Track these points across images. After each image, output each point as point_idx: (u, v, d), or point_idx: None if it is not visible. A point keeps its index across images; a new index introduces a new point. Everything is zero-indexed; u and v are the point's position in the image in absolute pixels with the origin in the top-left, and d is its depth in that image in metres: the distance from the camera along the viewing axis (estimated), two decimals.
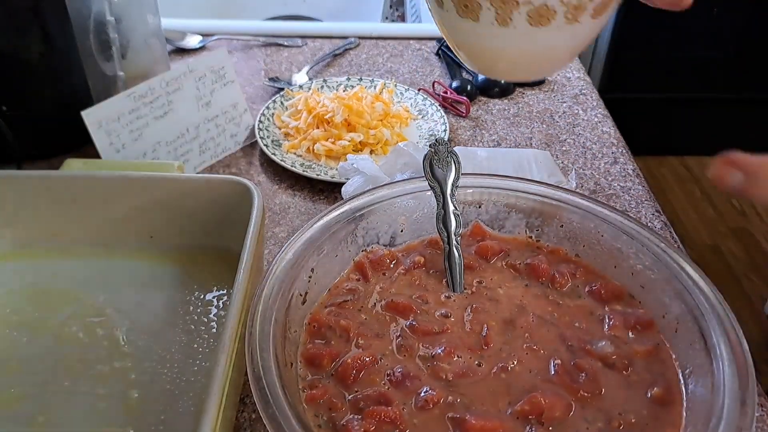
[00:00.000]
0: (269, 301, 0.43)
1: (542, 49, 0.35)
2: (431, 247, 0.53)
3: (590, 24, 0.34)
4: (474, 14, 0.34)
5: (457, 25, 0.35)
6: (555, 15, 0.33)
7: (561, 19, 0.33)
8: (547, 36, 0.34)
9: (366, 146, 0.78)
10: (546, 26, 0.33)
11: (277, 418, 0.36)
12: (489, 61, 0.38)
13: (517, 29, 0.33)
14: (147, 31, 0.76)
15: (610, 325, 0.47)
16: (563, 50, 0.37)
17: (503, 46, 0.35)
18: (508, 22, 0.33)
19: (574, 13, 0.33)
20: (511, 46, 0.35)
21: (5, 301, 0.57)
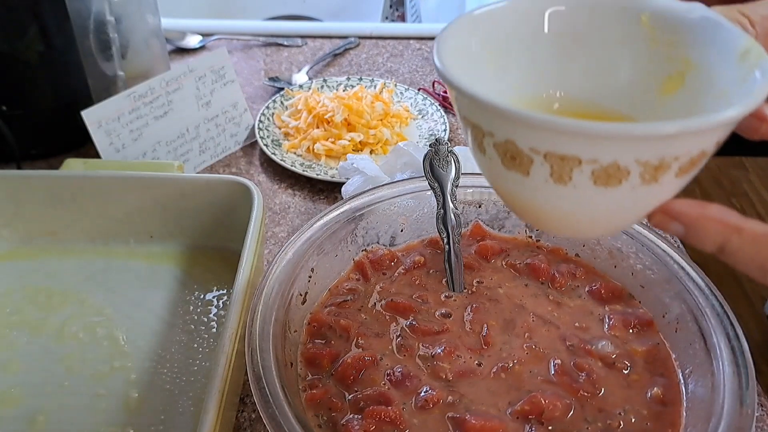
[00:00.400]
0: (269, 301, 0.43)
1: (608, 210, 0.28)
2: (431, 246, 0.53)
3: (673, 183, 0.27)
4: (523, 169, 0.27)
5: (501, 175, 0.29)
6: (628, 175, 0.26)
7: (635, 179, 0.26)
8: (615, 197, 0.27)
9: (366, 146, 0.78)
10: (616, 187, 0.26)
11: (277, 418, 0.36)
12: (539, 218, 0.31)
13: (577, 189, 0.27)
14: (147, 31, 0.76)
15: (610, 324, 0.47)
16: (635, 212, 0.29)
17: (559, 205, 0.28)
18: (567, 181, 0.26)
19: (654, 173, 0.26)
20: (569, 207, 0.28)
21: (5, 301, 0.57)
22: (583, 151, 0.25)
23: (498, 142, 0.27)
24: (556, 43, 0.34)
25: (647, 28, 0.33)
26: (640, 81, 0.33)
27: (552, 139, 0.26)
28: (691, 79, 0.32)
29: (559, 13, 0.34)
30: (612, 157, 0.25)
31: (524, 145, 0.26)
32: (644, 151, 0.25)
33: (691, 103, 0.31)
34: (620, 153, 0.25)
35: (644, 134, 0.25)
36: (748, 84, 0.28)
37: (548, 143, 0.26)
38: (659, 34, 0.32)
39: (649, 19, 0.32)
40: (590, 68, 0.34)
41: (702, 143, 0.26)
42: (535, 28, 0.34)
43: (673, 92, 0.32)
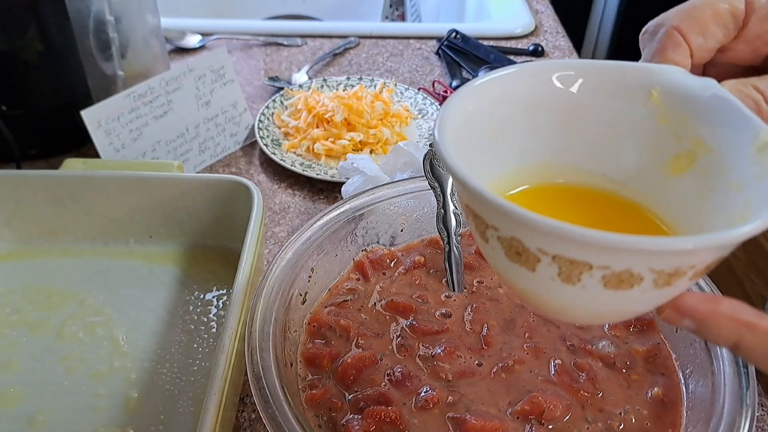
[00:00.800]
0: (269, 300, 0.43)
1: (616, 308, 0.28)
2: (431, 246, 0.53)
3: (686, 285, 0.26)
4: (529, 265, 0.26)
5: (505, 265, 0.27)
6: (641, 281, 0.25)
7: (648, 285, 0.25)
8: (625, 298, 0.26)
9: (366, 146, 0.78)
10: (626, 290, 0.25)
11: (277, 418, 0.36)
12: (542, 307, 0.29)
13: (585, 290, 0.25)
14: (146, 31, 0.76)
15: (610, 324, 0.47)
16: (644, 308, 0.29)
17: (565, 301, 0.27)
18: (576, 282, 0.25)
19: (668, 279, 0.25)
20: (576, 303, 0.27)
21: (5, 301, 0.57)
22: (594, 259, 0.24)
23: (503, 237, 0.26)
24: (561, 113, 0.33)
25: (657, 103, 0.31)
26: (648, 156, 0.32)
27: (562, 245, 0.24)
28: (701, 161, 0.30)
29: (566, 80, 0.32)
30: (625, 266, 0.24)
31: (531, 245, 0.25)
32: (659, 262, 0.24)
33: (702, 188, 0.30)
34: (634, 263, 0.24)
35: (660, 249, 0.24)
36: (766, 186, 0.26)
37: (557, 248, 0.25)
38: (670, 110, 0.31)
39: (660, 94, 0.31)
40: (597, 139, 0.33)
41: (720, 253, 0.26)
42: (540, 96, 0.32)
43: (683, 172, 0.31)
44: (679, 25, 0.31)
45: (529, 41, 1.05)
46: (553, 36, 1.07)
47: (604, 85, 0.32)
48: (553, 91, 0.32)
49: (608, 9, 1.89)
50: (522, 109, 0.32)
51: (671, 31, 0.32)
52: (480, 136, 0.31)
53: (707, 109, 0.30)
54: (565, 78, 0.32)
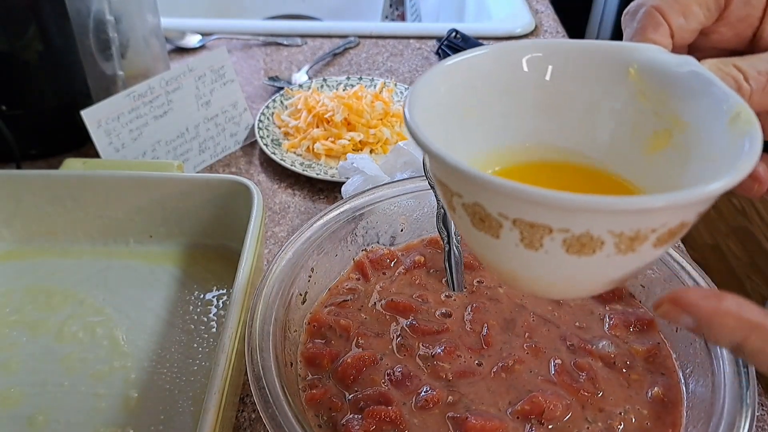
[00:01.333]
0: (269, 300, 0.43)
1: (585, 276, 0.27)
2: (431, 246, 0.53)
3: (650, 253, 0.26)
4: (493, 231, 0.26)
5: (472, 234, 0.27)
6: (602, 246, 0.25)
7: (611, 249, 0.25)
8: (591, 265, 0.25)
9: (366, 145, 0.78)
10: (589, 255, 0.25)
11: (277, 418, 0.36)
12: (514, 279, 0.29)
13: (549, 255, 0.25)
14: (146, 31, 0.76)
15: (610, 324, 0.47)
16: (615, 277, 0.28)
17: (532, 269, 0.27)
18: (538, 248, 0.25)
19: (630, 244, 0.25)
20: (544, 272, 0.27)
21: (5, 301, 0.57)
22: (552, 221, 0.24)
23: (466, 203, 0.26)
24: (536, 93, 0.32)
25: (635, 80, 0.31)
26: (626, 134, 0.32)
27: (520, 207, 0.24)
28: (678, 137, 0.30)
29: (538, 61, 0.32)
30: (584, 228, 0.24)
31: (492, 210, 0.25)
32: (618, 223, 0.24)
33: (678, 162, 0.30)
34: (592, 224, 0.24)
35: (615, 208, 0.23)
36: (735, 153, 0.26)
37: (516, 210, 0.25)
38: (648, 87, 0.31)
39: (638, 71, 0.31)
40: (574, 118, 0.33)
41: (681, 216, 0.25)
42: (513, 76, 0.32)
43: (660, 149, 0.31)
44: (660, 5, 0.31)
45: None
46: (553, 36, 1.07)
47: (580, 64, 0.32)
48: (525, 72, 0.32)
49: (608, 9, 1.89)
50: (495, 90, 0.32)
51: (651, 10, 0.31)
52: (453, 116, 0.31)
53: (684, 85, 0.30)
54: (535, 60, 0.32)
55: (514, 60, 0.32)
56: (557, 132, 0.33)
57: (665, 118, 0.31)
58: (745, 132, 0.26)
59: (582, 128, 0.33)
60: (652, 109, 0.31)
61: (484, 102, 0.32)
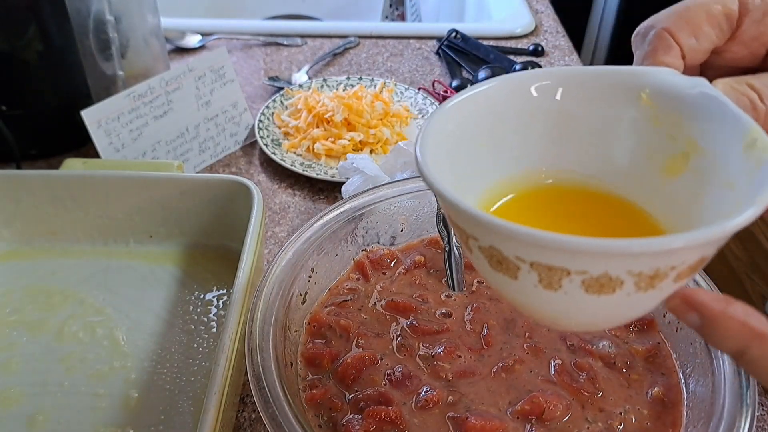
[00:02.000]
0: (269, 300, 0.43)
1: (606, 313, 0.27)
2: (431, 246, 0.53)
3: (672, 287, 0.26)
4: (511, 273, 0.26)
5: (490, 274, 0.27)
6: (622, 285, 0.24)
7: (630, 288, 0.24)
8: (611, 303, 0.25)
9: (366, 145, 0.78)
10: (609, 295, 0.25)
11: (277, 418, 0.36)
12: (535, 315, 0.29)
13: (569, 296, 0.25)
14: (146, 31, 0.76)
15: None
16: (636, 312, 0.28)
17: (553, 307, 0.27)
18: (557, 288, 0.25)
19: (650, 282, 0.25)
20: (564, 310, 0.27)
21: (5, 301, 0.57)
22: (570, 264, 0.24)
23: (483, 246, 0.26)
24: (548, 121, 0.32)
25: (648, 105, 0.31)
26: (642, 159, 0.32)
27: (536, 252, 0.24)
28: (695, 161, 0.30)
29: (548, 89, 0.32)
30: (602, 270, 0.24)
31: (509, 253, 0.25)
32: (637, 264, 0.24)
33: (697, 188, 0.29)
34: (610, 266, 0.24)
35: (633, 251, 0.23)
36: (754, 183, 0.26)
37: (533, 255, 0.25)
38: (661, 111, 0.31)
39: (650, 96, 0.31)
40: (587, 144, 0.32)
41: (701, 253, 0.25)
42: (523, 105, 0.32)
43: (678, 174, 0.31)
44: (670, 27, 0.31)
45: (529, 41, 1.05)
46: (553, 36, 1.07)
47: (590, 89, 0.31)
48: (535, 101, 0.32)
49: (608, 9, 1.88)
50: (506, 120, 0.32)
51: (661, 32, 0.31)
52: (465, 151, 0.31)
53: (697, 107, 0.29)
54: (544, 88, 0.32)
55: (523, 89, 0.32)
56: (571, 159, 0.33)
57: (681, 143, 0.30)
58: (762, 161, 0.26)
59: (596, 154, 0.32)
60: (667, 133, 0.31)
61: (496, 133, 0.32)
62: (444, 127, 0.30)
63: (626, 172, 0.32)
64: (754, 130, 0.27)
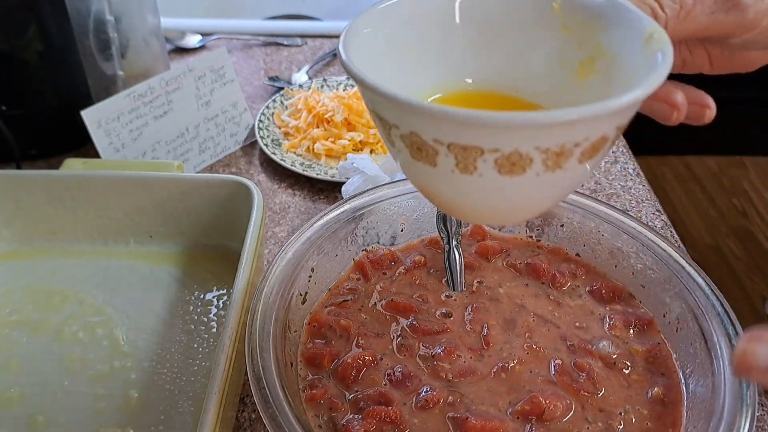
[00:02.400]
0: (269, 300, 0.43)
1: (517, 198, 0.29)
2: (431, 246, 0.53)
3: (577, 169, 0.28)
4: (430, 160, 0.27)
5: (412, 166, 0.29)
6: (531, 163, 0.26)
7: (539, 167, 0.26)
8: (522, 185, 0.27)
9: (366, 146, 0.78)
10: (521, 175, 0.27)
11: (277, 418, 0.36)
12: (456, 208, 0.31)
13: (483, 178, 0.27)
14: (146, 31, 0.76)
15: (610, 324, 0.47)
16: (544, 199, 0.30)
17: (471, 195, 0.29)
18: (473, 171, 0.27)
19: (557, 160, 0.27)
20: (481, 196, 0.29)
21: (5, 301, 0.57)
22: (483, 141, 0.26)
23: (404, 134, 0.28)
24: (469, 31, 0.34)
25: (559, 14, 0.33)
26: (556, 66, 0.34)
27: (452, 130, 0.26)
28: (601, 63, 0.32)
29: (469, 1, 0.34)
30: (512, 146, 0.26)
31: (427, 137, 0.27)
32: (543, 139, 0.26)
33: (603, 88, 0.32)
34: (519, 142, 0.26)
35: (536, 123, 0.25)
36: (649, 68, 0.28)
37: (449, 134, 0.26)
38: (571, 19, 0.33)
39: (561, 5, 0.33)
40: (506, 54, 0.34)
41: (601, 129, 0.27)
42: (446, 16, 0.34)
43: (587, 77, 0.33)
44: None
45: None
46: None
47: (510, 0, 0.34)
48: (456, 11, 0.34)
49: None
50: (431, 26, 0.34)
51: None
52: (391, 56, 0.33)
53: (603, 14, 0.32)
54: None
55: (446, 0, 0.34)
56: (492, 65, 0.35)
57: (589, 47, 0.33)
58: (657, 49, 0.28)
59: (515, 61, 0.35)
60: (576, 40, 0.33)
61: (421, 40, 0.34)
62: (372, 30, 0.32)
63: (542, 77, 0.34)
64: (652, 27, 0.29)
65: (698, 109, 0.34)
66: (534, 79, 0.35)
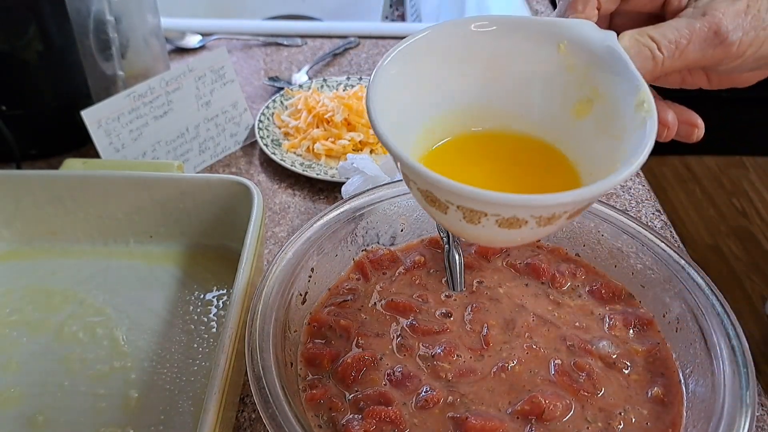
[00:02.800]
0: (269, 300, 0.43)
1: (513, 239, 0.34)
2: (431, 246, 0.53)
3: (564, 222, 0.33)
4: (441, 209, 0.33)
5: (426, 207, 0.34)
6: (526, 223, 0.31)
7: (533, 224, 0.32)
8: (518, 233, 0.33)
9: (366, 146, 0.78)
10: (517, 229, 0.32)
11: (277, 418, 0.36)
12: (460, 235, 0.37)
13: (486, 228, 0.32)
14: (146, 31, 0.76)
15: (610, 324, 0.47)
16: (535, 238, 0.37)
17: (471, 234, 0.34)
18: (477, 223, 0.32)
19: (548, 220, 0.32)
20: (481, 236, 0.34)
21: (5, 301, 0.57)
22: (486, 209, 0.31)
23: (420, 189, 0.33)
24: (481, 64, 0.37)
25: (564, 54, 0.36)
26: (555, 102, 0.37)
27: (461, 200, 0.31)
28: (597, 107, 0.35)
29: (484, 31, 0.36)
30: (510, 214, 0.31)
31: (440, 197, 0.32)
32: (536, 212, 0.31)
33: (596, 131, 0.35)
34: (516, 212, 0.31)
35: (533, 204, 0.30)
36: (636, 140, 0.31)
37: (458, 201, 0.31)
38: (574, 62, 0.36)
39: (567, 47, 0.36)
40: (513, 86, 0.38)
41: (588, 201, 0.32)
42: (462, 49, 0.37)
43: (583, 117, 0.36)
44: None
45: None
46: None
47: (519, 37, 0.36)
48: (472, 41, 0.36)
49: None
50: (446, 61, 0.37)
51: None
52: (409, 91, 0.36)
53: (603, 60, 0.34)
54: (480, 26, 0.36)
55: (463, 29, 0.36)
56: (501, 98, 0.38)
57: (587, 89, 0.36)
58: (643, 124, 0.32)
59: (521, 95, 0.38)
60: (578, 81, 0.36)
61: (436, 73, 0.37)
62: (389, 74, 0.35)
63: (542, 111, 0.38)
64: (644, 93, 0.32)
65: (688, 128, 0.36)
66: (535, 111, 0.38)
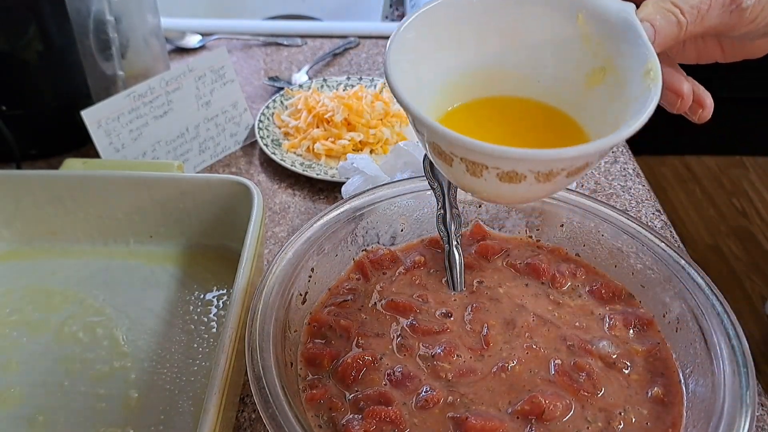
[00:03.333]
0: (269, 300, 0.43)
1: (516, 195, 0.35)
2: (431, 246, 0.53)
3: (564, 181, 0.34)
4: (447, 161, 0.34)
5: (434, 159, 0.36)
6: (525, 178, 0.32)
7: (532, 180, 0.32)
8: (520, 188, 0.33)
9: (366, 146, 0.78)
10: (518, 183, 0.33)
11: (277, 418, 0.36)
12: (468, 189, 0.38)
13: (488, 182, 0.33)
14: (146, 31, 0.76)
15: (610, 324, 0.47)
16: (542, 194, 0.37)
17: (476, 188, 0.35)
18: (479, 176, 0.33)
19: (546, 177, 0.32)
20: (488, 190, 0.35)
21: (5, 301, 0.57)
22: (487, 162, 0.32)
23: (428, 141, 0.34)
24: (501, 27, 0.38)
25: (582, 24, 0.37)
26: (569, 70, 0.38)
27: (463, 151, 0.33)
28: (609, 76, 0.36)
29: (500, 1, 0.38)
30: (510, 167, 0.32)
31: (445, 149, 0.33)
32: (535, 166, 0.32)
33: (607, 99, 0.36)
34: (515, 166, 0.32)
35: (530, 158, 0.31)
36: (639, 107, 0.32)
37: (461, 152, 0.33)
38: (590, 31, 0.37)
39: (585, 17, 0.37)
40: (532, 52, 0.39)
41: (585, 160, 0.33)
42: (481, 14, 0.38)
43: (595, 86, 0.37)
44: None
45: None
46: None
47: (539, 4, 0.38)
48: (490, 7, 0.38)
49: None
50: (463, 26, 0.38)
51: None
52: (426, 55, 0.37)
53: (618, 31, 0.35)
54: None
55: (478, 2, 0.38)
56: (514, 64, 0.39)
57: (600, 59, 0.37)
58: (649, 89, 0.32)
59: (535, 61, 0.39)
60: (591, 51, 0.37)
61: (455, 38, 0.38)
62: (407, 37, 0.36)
63: (556, 80, 0.39)
64: (651, 61, 0.33)
65: (695, 106, 0.37)
66: (550, 78, 0.39)
